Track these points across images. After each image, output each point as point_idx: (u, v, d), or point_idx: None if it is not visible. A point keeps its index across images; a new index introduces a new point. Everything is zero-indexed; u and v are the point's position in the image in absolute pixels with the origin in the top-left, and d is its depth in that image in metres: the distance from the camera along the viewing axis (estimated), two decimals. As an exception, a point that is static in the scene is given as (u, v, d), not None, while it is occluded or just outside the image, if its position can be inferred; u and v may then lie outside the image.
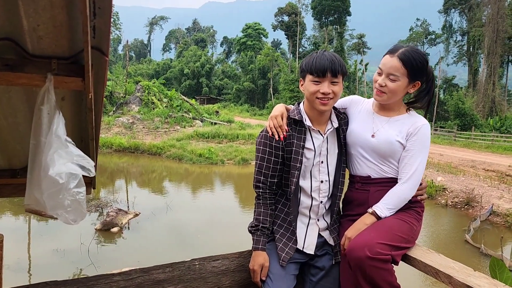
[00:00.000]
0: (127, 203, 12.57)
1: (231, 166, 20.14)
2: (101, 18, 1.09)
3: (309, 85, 1.88)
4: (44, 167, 1.28)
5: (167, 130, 26.42)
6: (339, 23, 57.56)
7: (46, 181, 1.28)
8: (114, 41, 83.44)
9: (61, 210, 1.38)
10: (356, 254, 1.68)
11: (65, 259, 8.26)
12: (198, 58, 64.44)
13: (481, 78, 41.99)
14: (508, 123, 32.69)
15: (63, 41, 1.18)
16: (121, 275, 1.75)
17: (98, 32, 1.14)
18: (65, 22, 1.10)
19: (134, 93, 30.56)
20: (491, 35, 39.09)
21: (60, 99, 1.49)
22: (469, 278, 1.55)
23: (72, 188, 1.34)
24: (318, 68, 1.84)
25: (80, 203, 1.39)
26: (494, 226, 11.57)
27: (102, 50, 1.23)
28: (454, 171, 17.23)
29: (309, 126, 1.94)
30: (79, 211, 1.41)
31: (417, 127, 1.90)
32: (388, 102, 1.96)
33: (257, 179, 1.98)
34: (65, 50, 1.23)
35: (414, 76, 1.89)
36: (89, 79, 1.21)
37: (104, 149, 22.17)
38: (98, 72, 1.30)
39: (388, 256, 1.68)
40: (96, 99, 1.43)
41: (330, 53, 1.90)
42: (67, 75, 1.24)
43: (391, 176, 1.95)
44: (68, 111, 1.57)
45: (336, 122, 1.99)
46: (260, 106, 55.19)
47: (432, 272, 1.69)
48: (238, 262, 2.02)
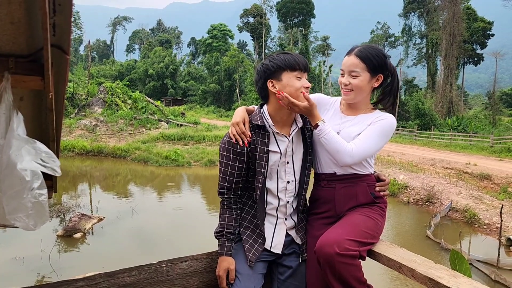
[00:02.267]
0: (90, 208, 12.21)
1: (198, 168, 19.98)
2: (61, 15, 1.05)
3: (292, 81, 1.86)
4: (7, 165, 1.21)
5: (131, 133, 25.88)
6: (304, 25, 58.38)
7: (10, 180, 1.22)
8: (76, 41, 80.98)
9: (21, 214, 1.31)
10: (325, 251, 1.71)
11: (24, 267, 7.94)
12: (162, 59, 63.58)
13: (439, 80, 43.69)
14: (464, 123, 34.12)
15: (21, 39, 1.13)
16: (85, 280, 1.70)
17: (58, 30, 1.11)
18: (23, 19, 1.05)
19: (97, 94, 29.74)
20: (447, 38, 40.74)
21: (18, 99, 1.43)
22: (430, 270, 1.60)
23: (35, 188, 1.29)
24: (302, 62, 1.88)
25: (42, 205, 1.32)
26: (453, 221, 12.04)
27: (62, 48, 1.19)
28: (415, 169, 17.82)
29: (274, 131, 1.93)
30: (40, 215, 1.35)
31: (380, 118, 1.96)
32: (357, 99, 2.00)
33: (222, 186, 1.96)
34: (23, 48, 1.18)
35: (375, 70, 1.95)
36: (49, 78, 1.17)
37: (66, 152, 21.46)
38: (58, 71, 1.26)
39: (356, 252, 1.72)
40: (57, 99, 1.38)
41: None
42: (26, 74, 1.19)
43: (355, 172, 1.99)
44: (27, 112, 1.51)
45: (301, 121, 1.99)
46: (226, 107, 55.15)
47: (396, 266, 1.74)
48: (206, 263, 2.01)
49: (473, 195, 13.51)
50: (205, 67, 63.79)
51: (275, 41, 67.31)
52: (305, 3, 57.29)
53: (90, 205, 12.58)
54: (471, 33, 43.45)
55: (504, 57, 52.07)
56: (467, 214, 11.92)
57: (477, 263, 8.65)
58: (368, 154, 1.92)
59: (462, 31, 41.07)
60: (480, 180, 15.95)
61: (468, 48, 43.89)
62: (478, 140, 27.01)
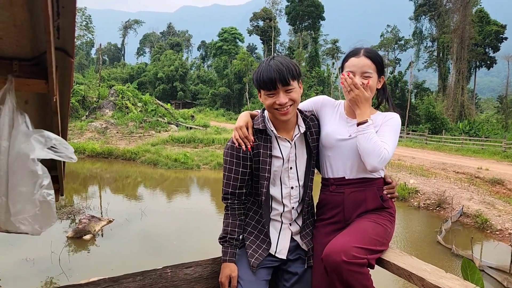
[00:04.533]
0: (100, 210, 12.28)
1: (207, 171, 20.01)
2: (65, 18, 1.05)
3: (264, 99, 1.85)
4: (17, 158, 1.18)
5: (141, 135, 26.04)
6: (313, 28, 58.36)
7: (20, 174, 1.18)
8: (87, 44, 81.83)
9: (27, 215, 1.28)
10: (332, 259, 1.68)
11: (34, 268, 7.98)
12: (172, 62, 63.97)
13: (450, 83, 43.30)
14: (476, 127, 33.75)
15: (24, 42, 1.12)
16: (89, 285, 1.69)
17: (62, 33, 1.10)
18: (27, 22, 1.05)
19: (107, 97, 30.02)
20: (459, 41, 40.38)
21: (23, 103, 1.43)
22: (441, 280, 1.56)
23: (45, 186, 1.25)
24: (267, 81, 1.79)
25: (50, 205, 1.28)
26: (465, 227, 11.87)
27: (66, 51, 1.18)
28: (426, 173, 17.63)
29: (275, 135, 1.91)
30: (47, 216, 1.31)
31: (388, 118, 1.97)
32: None
33: (225, 191, 1.95)
34: (27, 51, 1.17)
35: (381, 71, 2.00)
36: (53, 81, 1.16)
37: (77, 154, 21.42)
38: (63, 74, 1.25)
39: (364, 260, 1.69)
40: (62, 102, 1.37)
41: (277, 60, 1.82)
42: (30, 77, 1.18)
43: (365, 176, 1.96)
44: (33, 115, 1.50)
45: (303, 126, 1.96)
46: (236, 110, 55.23)
47: (405, 275, 1.70)
48: (212, 268, 1.98)
49: (485, 200, 13.32)
50: (214, 70, 64.04)
51: (284, 45, 67.35)
52: (314, 6, 57.29)
53: (100, 207, 12.65)
54: (483, 36, 43.03)
55: (516, 60, 51.39)
56: (478, 219, 11.74)
57: (489, 269, 8.51)
58: (390, 150, 1.89)
59: (473, 34, 40.72)
60: (492, 185, 15.72)
61: (480, 52, 43.46)
62: (490, 145, 26.68)
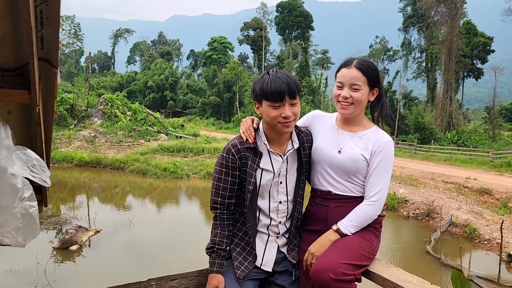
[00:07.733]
0: (88, 220, 12.12)
1: (196, 180, 19.90)
2: (49, 28, 1.04)
3: (268, 111, 1.80)
4: None
5: (130, 144, 25.84)
6: (303, 38, 58.77)
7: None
8: (76, 52, 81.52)
9: (10, 228, 1.26)
10: (321, 277, 1.67)
11: (19, 280, 7.84)
12: (163, 71, 63.89)
13: (438, 94, 43.84)
14: (464, 137, 34.13)
15: (7, 52, 1.11)
16: (72, 298, 1.65)
17: (46, 43, 1.09)
18: (9, 32, 1.04)
19: (96, 106, 29.79)
20: (447, 52, 40.99)
21: (6, 113, 1.41)
22: (426, 291, 1.56)
23: (26, 198, 1.23)
24: (275, 93, 1.75)
25: (33, 217, 1.26)
26: (454, 236, 11.94)
27: (50, 61, 1.17)
28: (415, 183, 17.74)
29: (268, 148, 1.90)
30: (31, 228, 1.29)
31: (380, 145, 1.91)
32: (355, 113, 1.95)
33: (214, 200, 1.94)
34: (10, 61, 1.16)
35: (374, 83, 1.93)
36: (36, 92, 1.15)
37: (64, 163, 21.40)
38: (46, 84, 1.23)
39: (351, 276, 1.69)
40: (46, 113, 1.36)
41: (283, 73, 1.81)
42: (12, 87, 1.17)
43: (351, 194, 1.95)
44: (16, 126, 1.48)
45: (297, 141, 1.95)
46: (226, 119, 55.19)
47: (391, 287, 1.70)
48: (197, 281, 1.97)
49: (473, 210, 13.43)
50: (204, 79, 64.07)
51: (274, 54, 67.70)
52: (303, 16, 57.81)
53: (88, 217, 12.49)
54: (471, 47, 43.72)
55: (503, 71, 52.29)
56: (467, 229, 11.82)
57: (478, 279, 8.55)
58: (385, 194, 1.93)
59: (461, 46, 41.37)
60: (481, 195, 15.86)
61: (467, 63, 44.12)
62: (478, 155, 26.97)
